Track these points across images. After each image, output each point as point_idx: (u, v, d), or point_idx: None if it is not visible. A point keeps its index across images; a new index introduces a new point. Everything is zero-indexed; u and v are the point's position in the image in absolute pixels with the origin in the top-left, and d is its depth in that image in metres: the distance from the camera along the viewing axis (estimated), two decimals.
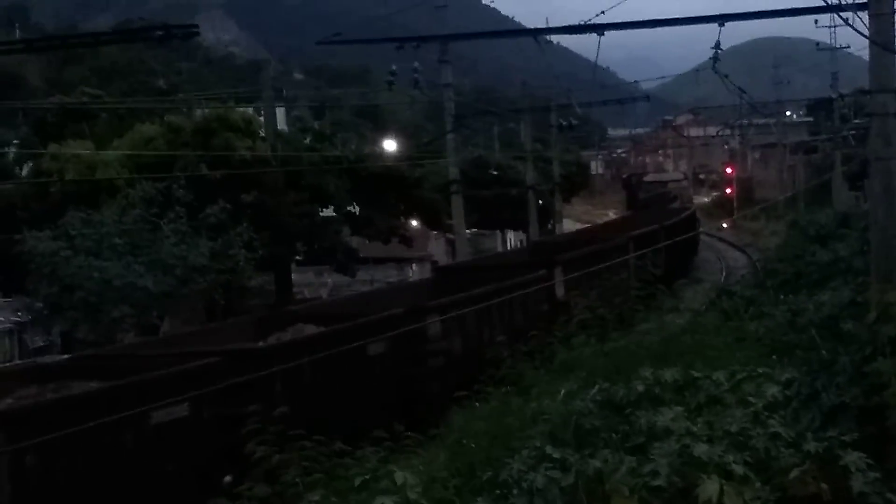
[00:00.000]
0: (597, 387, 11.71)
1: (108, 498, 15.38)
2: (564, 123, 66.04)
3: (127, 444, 15.56)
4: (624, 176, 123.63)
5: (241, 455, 13.97)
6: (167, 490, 15.07)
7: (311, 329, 22.54)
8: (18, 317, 37.35)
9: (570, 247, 37.16)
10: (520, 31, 63.99)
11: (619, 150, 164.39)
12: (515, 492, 9.12)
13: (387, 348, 21.61)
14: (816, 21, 61.04)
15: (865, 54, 15.65)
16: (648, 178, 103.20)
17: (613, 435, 10.17)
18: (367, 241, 51.98)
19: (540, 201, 64.79)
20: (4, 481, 14.10)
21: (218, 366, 17.68)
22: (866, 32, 14.79)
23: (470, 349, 23.72)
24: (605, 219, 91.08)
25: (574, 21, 33.16)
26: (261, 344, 21.86)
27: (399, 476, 10.12)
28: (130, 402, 15.14)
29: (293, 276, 48.11)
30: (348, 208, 48.71)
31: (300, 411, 17.39)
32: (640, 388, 11.23)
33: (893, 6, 15.36)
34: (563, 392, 12.75)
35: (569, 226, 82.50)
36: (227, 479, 14.91)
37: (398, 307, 23.25)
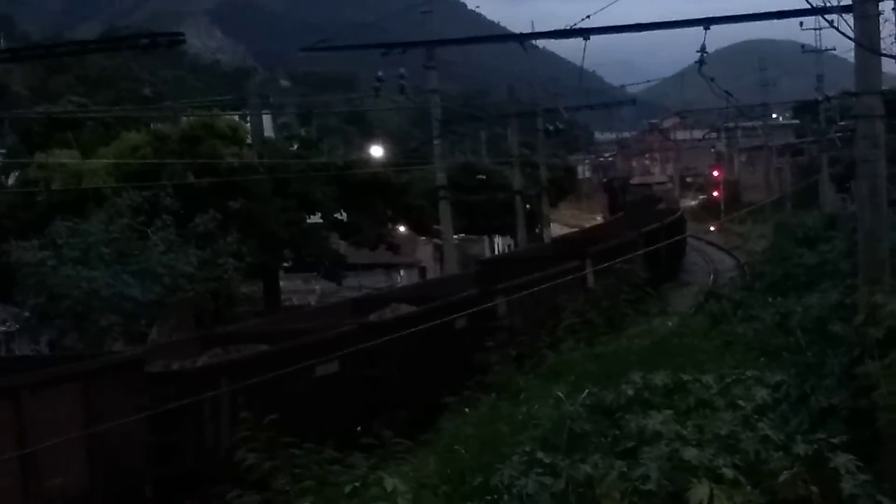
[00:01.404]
0: (586, 391, 11.72)
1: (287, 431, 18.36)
2: (551, 128, 66.11)
3: (299, 389, 20.10)
4: (604, 180, 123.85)
5: (370, 408, 18.50)
6: (323, 430, 18.01)
7: (405, 308, 27.22)
8: (6, 326, 37.21)
9: (588, 243, 41.63)
10: (505, 36, 64.12)
11: (607, 154, 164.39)
12: (506, 497, 9.13)
13: (468, 323, 25.75)
14: (802, 23, 61.28)
15: (851, 56, 15.67)
16: (634, 180, 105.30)
17: (603, 439, 10.17)
18: (355, 248, 51.92)
19: (527, 206, 64.82)
20: (226, 413, 18.69)
21: (356, 333, 22.49)
22: (851, 35, 14.82)
23: (525, 326, 27.97)
24: (594, 222, 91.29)
25: (559, 25, 33.13)
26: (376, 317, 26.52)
27: (389, 483, 10.13)
28: (300, 359, 19.18)
29: (281, 283, 48.03)
30: (336, 215, 48.64)
31: (408, 371, 22.60)
32: (630, 392, 11.25)
33: (878, 8, 15.40)
34: (553, 397, 12.75)
35: (557, 230, 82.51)
36: (358, 429, 18.19)
37: (459, 292, 28.29)
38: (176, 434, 18.11)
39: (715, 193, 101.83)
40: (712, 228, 78.40)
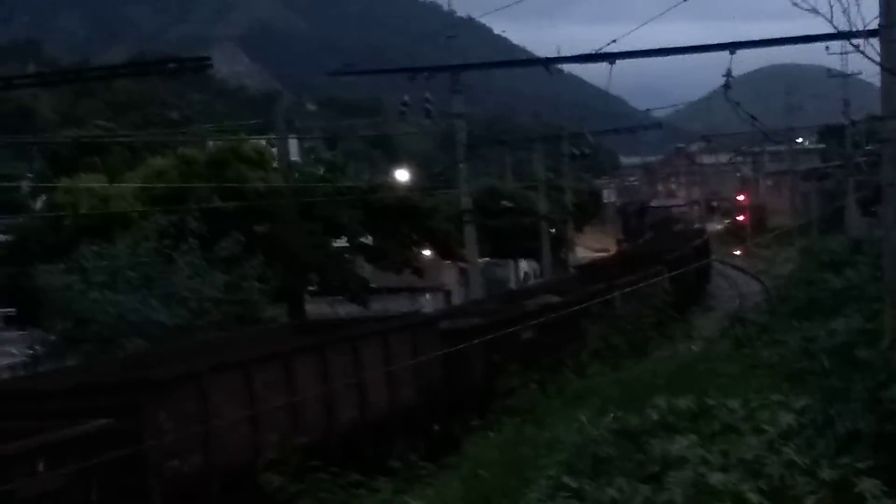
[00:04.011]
0: (611, 415, 11.69)
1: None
2: (577, 152, 66.12)
3: (513, 346, 26.78)
4: (618, 204, 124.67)
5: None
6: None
7: (554, 298, 34.11)
8: (34, 350, 37.25)
9: (655, 254, 47.95)
10: (531, 61, 64.14)
11: (632, 179, 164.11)
12: None
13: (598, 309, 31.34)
14: (827, 48, 61.02)
15: (877, 81, 15.68)
16: (654, 203, 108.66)
17: (628, 463, 10.14)
18: (381, 272, 51.93)
19: (552, 230, 64.82)
20: (479, 359, 26.15)
21: (539, 311, 30.05)
22: (877, 59, 14.80)
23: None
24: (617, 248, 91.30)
25: (585, 50, 33.21)
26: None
27: None
28: (513, 325, 26.18)
29: (306, 306, 48.04)
30: (361, 239, 48.71)
31: (547, 345, 27.88)
32: (655, 416, 11.21)
33: None
34: (577, 420, 12.72)
35: (581, 254, 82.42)
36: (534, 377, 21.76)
37: (574, 289, 36.27)
38: (452, 371, 25.52)
39: (740, 218, 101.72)
40: (738, 253, 78.16)
